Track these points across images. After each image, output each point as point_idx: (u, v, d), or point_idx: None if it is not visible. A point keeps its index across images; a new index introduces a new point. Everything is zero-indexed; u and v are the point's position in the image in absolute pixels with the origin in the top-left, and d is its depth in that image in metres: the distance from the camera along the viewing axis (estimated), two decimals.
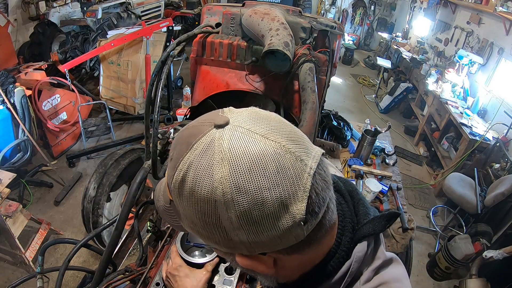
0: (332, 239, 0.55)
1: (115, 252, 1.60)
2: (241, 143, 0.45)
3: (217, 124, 0.47)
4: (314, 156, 0.48)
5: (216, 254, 1.01)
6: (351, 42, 9.84)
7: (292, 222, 0.44)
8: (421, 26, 7.79)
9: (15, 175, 2.68)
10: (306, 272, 0.56)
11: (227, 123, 0.47)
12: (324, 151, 0.51)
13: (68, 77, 4.05)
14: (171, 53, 1.42)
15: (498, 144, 3.81)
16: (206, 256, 1.01)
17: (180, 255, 1.01)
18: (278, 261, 0.52)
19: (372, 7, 10.09)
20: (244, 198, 0.43)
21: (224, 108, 0.53)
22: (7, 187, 2.48)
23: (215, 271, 1.03)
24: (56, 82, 3.99)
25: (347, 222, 0.57)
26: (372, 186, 2.22)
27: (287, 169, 0.44)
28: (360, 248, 0.55)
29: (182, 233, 1.06)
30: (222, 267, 1.05)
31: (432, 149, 5.11)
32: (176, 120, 4.48)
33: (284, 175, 0.44)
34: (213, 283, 0.99)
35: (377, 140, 2.72)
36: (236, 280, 1.02)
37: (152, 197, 2.17)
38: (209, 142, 0.46)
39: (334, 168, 0.79)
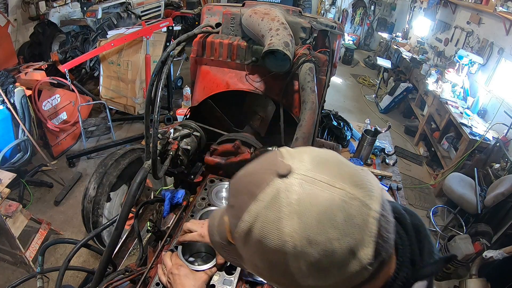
0: (389, 272, 0.54)
1: (115, 252, 1.60)
2: (308, 195, 0.44)
3: (280, 173, 0.47)
4: (376, 197, 0.48)
5: (215, 263, 1.00)
6: (351, 42, 9.84)
7: (359, 267, 0.45)
8: (421, 26, 7.79)
9: (15, 175, 2.68)
10: None
11: (290, 172, 0.47)
12: (383, 187, 0.51)
13: (68, 77, 4.05)
14: (171, 53, 1.42)
15: (498, 144, 3.81)
16: (205, 264, 1.01)
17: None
18: None
19: (372, 7, 10.09)
20: (314, 249, 0.43)
21: (281, 149, 0.53)
22: (7, 187, 2.48)
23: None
24: (56, 82, 3.99)
25: (406, 256, 0.56)
26: None
27: (354, 217, 0.44)
28: (419, 286, 0.54)
29: (184, 239, 1.05)
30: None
31: (432, 149, 5.11)
32: (176, 120, 4.48)
33: (352, 224, 0.44)
34: (213, 283, 0.99)
35: (377, 140, 2.72)
36: (236, 280, 1.01)
37: (152, 197, 2.16)
38: (274, 193, 0.46)
39: (389, 196, 0.79)
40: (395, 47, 7.66)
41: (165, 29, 4.75)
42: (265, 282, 0.60)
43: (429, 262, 0.56)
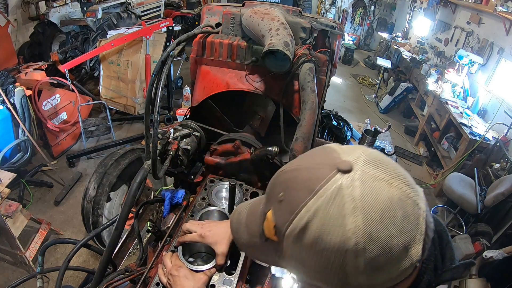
0: (415, 274, 0.56)
1: (115, 252, 1.60)
2: (371, 191, 0.45)
3: (341, 169, 0.47)
4: (422, 198, 0.49)
5: (214, 264, 0.99)
6: (351, 42, 9.84)
7: (409, 264, 0.47)
8: (421, 26, 7.79)
9: (15, 175, 2.68)
10: None
11: (352, 168, 0.47)
12: (423, 189, 0.52)
13: (68, 77, 4.05)
14: (171, 53, 1.42)
15: (498, 144, 3.81)
16: (205, 264, 1.01)
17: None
18: None
19: (372, 7, 10.09)
20: (375, 246, 0.44)
21: (332, 146, 0.53)
22: (7, 187, 2.48)
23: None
24: (56, 82, 3.99)
25: (430, 261, 0.58)
26: None
27: (409, 215, 0.46)
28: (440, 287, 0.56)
29: (184, 240, 1.05)
30: None
31: (432, 149, 5.11)
32: (176, 120, 4.48)
33: (408, 222, 0.46)
34: (213, 283, 0.99)
35: (377, 140, 2.72)
36: (236, 280, 1.01)
37: (152, 197, 2.16)
38: (337, 189, 0.45)
39: None
40: (395, 47, 7.67)
41: (165, 29, 4.75)
42: (299, 280, 0.59)
43: (450, 268, 0.58)
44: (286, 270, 0.62)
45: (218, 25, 1.82)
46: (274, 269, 1.12)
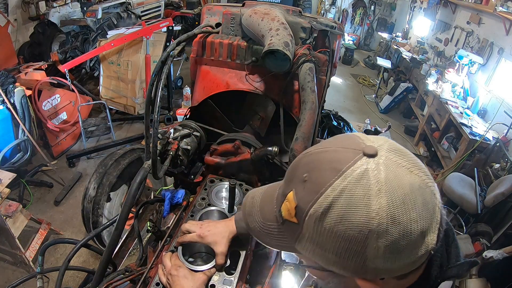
0: (423, 268, 0.57)
1: (115, 252, 1.60)
2: (395, 176, 0.47)
3: (367, 153, 0.48)
4: (437, 189, 0.51)
5: (214, 264, 0.99)
6: (351, 42, 9.84)
7: (425, 251, 0.48)
8: (421, 26, 7.79)
9: (15, 175, 2.68)
10: None
11: (377, 153, 0.49)
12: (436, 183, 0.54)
13: (68, 77, 4.05)
14: (171, 53, 1.42)
15: (498, 144, 3.81)
16: (205, 264, 1.01)
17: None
18: (385, 285, 0.53)
19: (372, 7, 10.09)
20: (396, 229, 0.45)
21: (357, 134, 0.55)
22: (7, 187, 2.48)
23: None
24: (56, 82, 3.99)
25: (437, 257, 0.58)
26: None
27: (428, 203, 0.48)
28: (446, 286, 0.58)
29: (183, 240, 1.05)
30: None
31: (432, 149, 5.11)
32: (176, 120, 4.48)
33: (427, 209, 0.48)
34: (213, 283, 0.99)
35: None
36: (236, 280, 1.01)
37: (152, 197, 2.16)
38: (363, 171, 0.47)
39: None
40: (395, 47, 7.66)
41: (165, 29, 4.75)
42: (311, 266, 0.59)
43: (455, 264, 0.59)
44: (298, 255, 0.62)
45: (218, 25, 1.82)
46: (284, 255, 1.12)
